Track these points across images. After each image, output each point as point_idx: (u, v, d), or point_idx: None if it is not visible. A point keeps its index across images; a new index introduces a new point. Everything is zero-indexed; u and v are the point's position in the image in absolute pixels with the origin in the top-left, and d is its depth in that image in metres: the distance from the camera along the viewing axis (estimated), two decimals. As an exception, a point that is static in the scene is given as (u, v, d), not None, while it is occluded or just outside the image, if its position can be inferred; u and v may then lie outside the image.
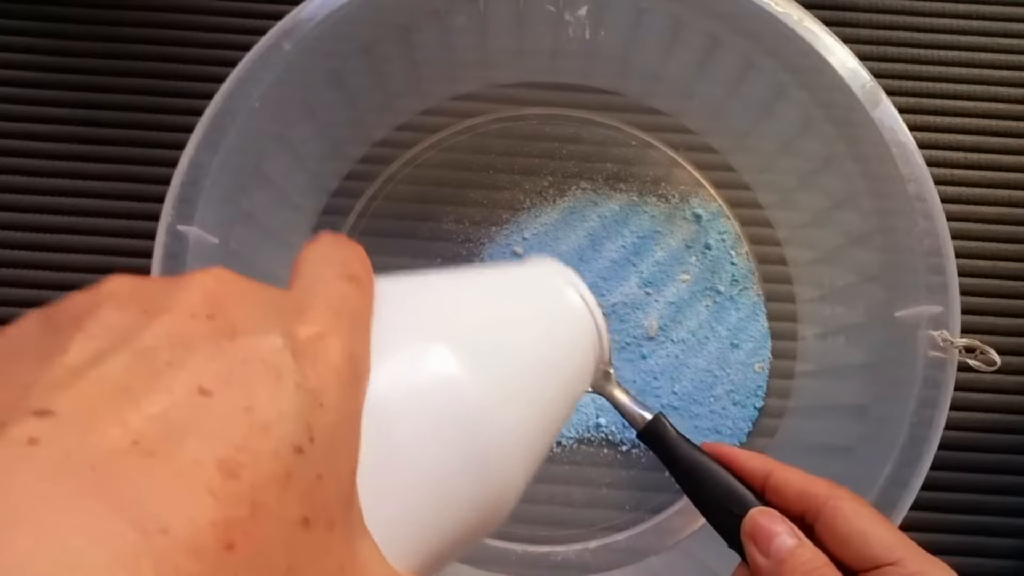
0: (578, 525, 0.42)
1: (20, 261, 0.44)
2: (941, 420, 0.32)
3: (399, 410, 0.18)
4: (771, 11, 0.35)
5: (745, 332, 0.44)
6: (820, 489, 0.25)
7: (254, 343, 0.14)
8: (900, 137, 0.34)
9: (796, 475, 0.26)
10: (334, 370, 0.15)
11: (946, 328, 0.33)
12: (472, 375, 0.19)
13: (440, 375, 0.19)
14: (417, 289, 0.22)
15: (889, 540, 0.23)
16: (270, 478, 0.13)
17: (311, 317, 0.16)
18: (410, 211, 0.45)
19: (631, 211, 0.45)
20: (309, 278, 0.18)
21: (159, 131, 0.45)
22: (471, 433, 0.19)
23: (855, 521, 0.24)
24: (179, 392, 0.13)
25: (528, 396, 0.21)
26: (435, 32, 0.40)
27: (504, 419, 0.19)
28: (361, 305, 0.18)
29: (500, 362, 0.20)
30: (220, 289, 0.16)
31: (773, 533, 0.25)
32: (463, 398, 0.19)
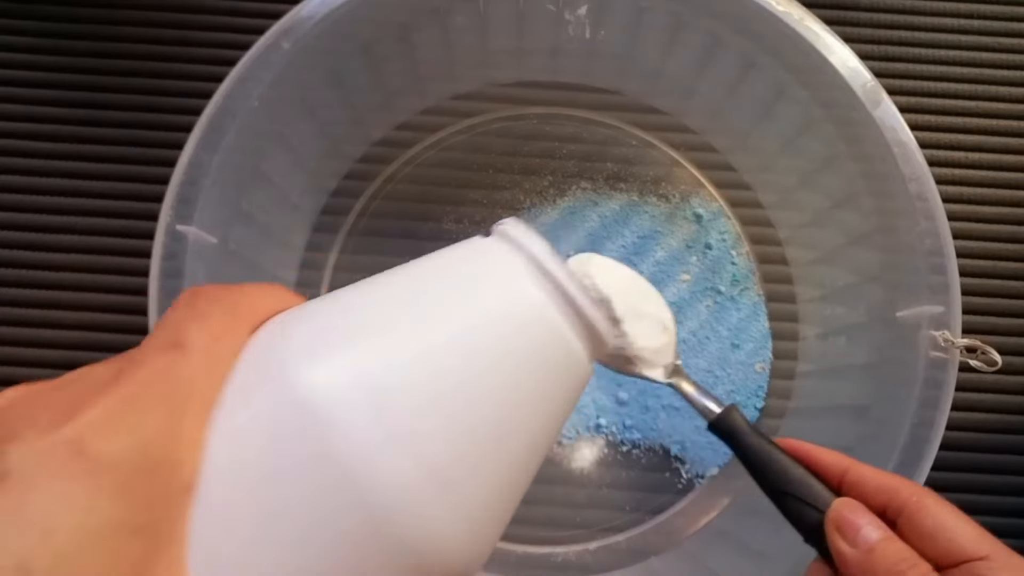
0: (578, 526, 0.42)
1: (20, 261, 0.43)
2: (942, 420, 0.32)
3: (247, 483, 0.15)
4: (772, 10, 0.35)
5: (746, 332, 0.44)
6: (902, 485, 0.25)
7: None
8: (901, 136, 0.34)
9: (874, 472, 0.26)
10: (83, 483, 0.14)
11: (947, 328, 0.33)
12: (356, 415, 0.15)
13: (304, 419, 0.15)
14: (303, 312, 0.18)
15: (976, 535, 0.23)
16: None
17: (73, 420, 0.14)
18: (410, 211, 0.45)
19: (631, 211, 0.45)
20: (127, 359, 0.16)
21: (158, 131, 0.45)
22: (351, 483, 0.15)
23: (940, 517, 0.24)
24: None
25: (451, 428, 0.17)
26: (435, 31, 0.40)
27: (403, 462, 0.15)
28: (183, 376, 0.16)
29: (396, 388, 0.16)
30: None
31: (859, 524, 0.25)
32: (335, 446, 0.15)
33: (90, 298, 0.43)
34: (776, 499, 0.27)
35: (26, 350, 0.42)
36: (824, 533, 0.26)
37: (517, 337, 0.18)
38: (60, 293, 0.43)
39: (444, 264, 0.20)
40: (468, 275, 0.19)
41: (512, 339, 0.18)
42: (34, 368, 0.42)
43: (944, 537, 0.23)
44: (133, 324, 0.43)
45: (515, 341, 0.18)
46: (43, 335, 0.43)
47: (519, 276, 0.19)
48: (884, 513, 0.25)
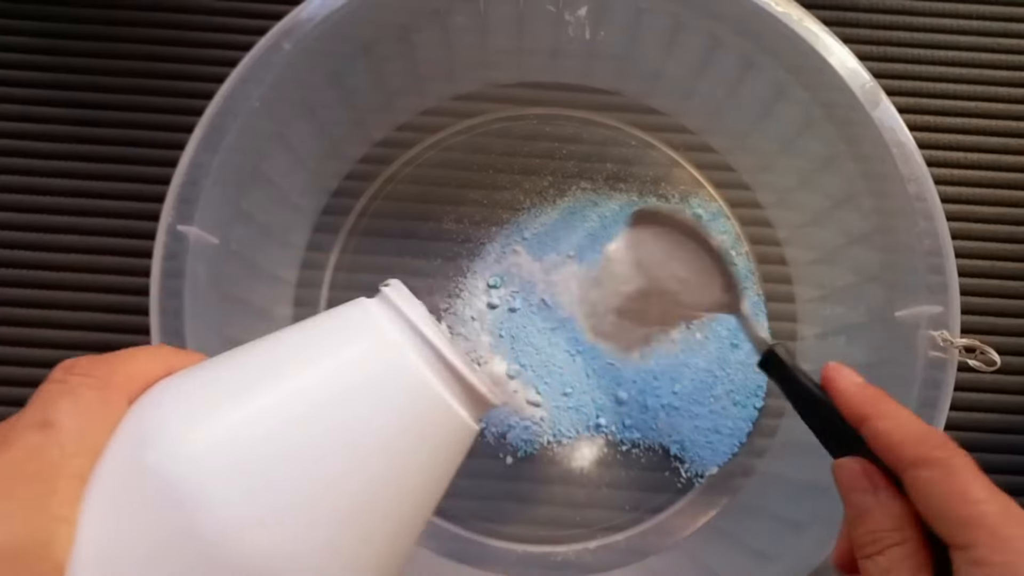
0: (578, 525, 0.42)
1: (20, 261, 0.44)
2: (941, 420, 0.32)
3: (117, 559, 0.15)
4: (771, 11, 0.35)
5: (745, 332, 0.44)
6: (907, 451, 0.24)
7: None
8: (900, 137, 0.34)
9: (890, 425, 0.25)
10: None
11: (946, 328, 0.33)
12: (218, 492, 0.15)
13: (162, 501, 0.15)
14: (179, 383, 0.18)
15: (961, 520, 0.22)
16: None
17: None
18: (410, 211, 0.45)
19: (631, 211, 0.45)
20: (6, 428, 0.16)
21: (159, 131, 0.45)
22: (220, 565, 0.15)
23: (930, 496, 0.22)
24: None
25: (320, 502, 0.17)
26: (435, 32, 0.40)
27: (269, 540, 0.16)
28: (50, 458, 0.16)
29: (261, 467, 0.16)
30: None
31: (851, 487, 0.25)
32: (193, 527, 0.15)
33: (91, 298, 0.43)
34: (814, 431, 0.28)
35: (27, 350, 0.43)
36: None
37: (393, 405, 0.18)
38: (61, 293, 0.43)
39: (315, 335, 0.19)
40: (338, 344, 0.19)
41: (388, 407, 0.18)
42: (34, 368, 0.42)
43: (933, 518, 0.22)
44: (134, 324, 0.43)
45: (391, 409, 0.18)
46: (44, 335, 0.43)
47: (394, 345, 0.19)
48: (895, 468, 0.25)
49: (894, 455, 0.24)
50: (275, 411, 0.17)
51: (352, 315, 0.20)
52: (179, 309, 0.32)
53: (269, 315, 0.41)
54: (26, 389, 0.42)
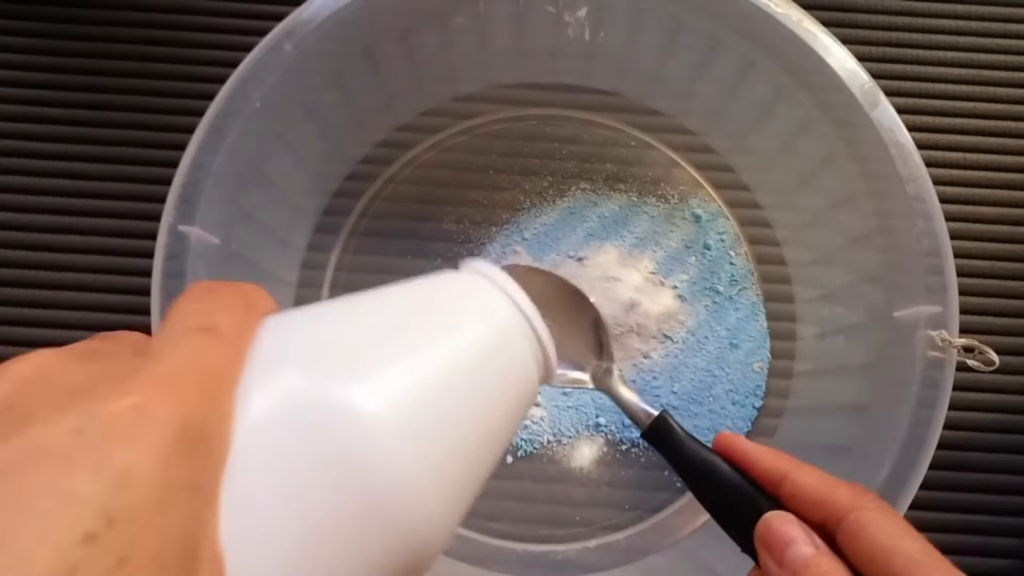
0: (578, 524, 0.42)
1: (21, 261, 0.44)
2: (940, 420, 0.32)
3: (271, 459, 0.16)
4: (770, 12, 0.35)
5: (744, 332, 0.44)
6: (841, 497, 0.23)
7: (43, 431, 0.13)
8: (899, 137, 0.34)
9: (815, 479, 0.24)
10: (152, 442, 0.14)
11: (945, 328, 0.33)
12: (362, 409, 0.17)
13: (317, 414, 0.17)
14: (310, 318, 0.20)
15: (914, 556, 0.21)
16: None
17: (134, 387, 0.15)
18: (410, 211, 0.45)
19: (631, 211, 0.46)
20: (160, 339, 0.17)
21: (160, 131, 0.45)
22: (364, 475, 0.17)
23: (878, 536, 0.22)
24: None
25: (442, 425, 0.19)
26: (435, 33, 0.40)
27: (408, 455, 0.17)
28: (215, 359, 0.17)
29: (400, 389, 0.18)
30: (32, 373, 0.15)
31: (788, 540, 0.23)
32: (349, 437, 0.17)
33: (92, 298, 0.43)
34: (711, 510, 0.26)
35: (27, 350, 0.43)
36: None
37: (494, 360, 0.21)
38: (61, 293, 0.43)
39: (433, 293, 0.22)
40: (457, 307, 0.22)
41: (490, 362, 0.21)
42: (36, 368, 0.42)
43: (882, 560, 0.22)
44: (135, 324, 0.43)
45: (492, 364, 0.21)
46: (44, 335, 0.43)
47: (504, 317, 0.22)
48: (823, 526, 0.24)
49: (828, 503, 0.23)
50: (432, 375, 0.19)
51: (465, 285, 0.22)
52: (180, 309, 0.32)
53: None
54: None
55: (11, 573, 0.12)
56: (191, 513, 0.15)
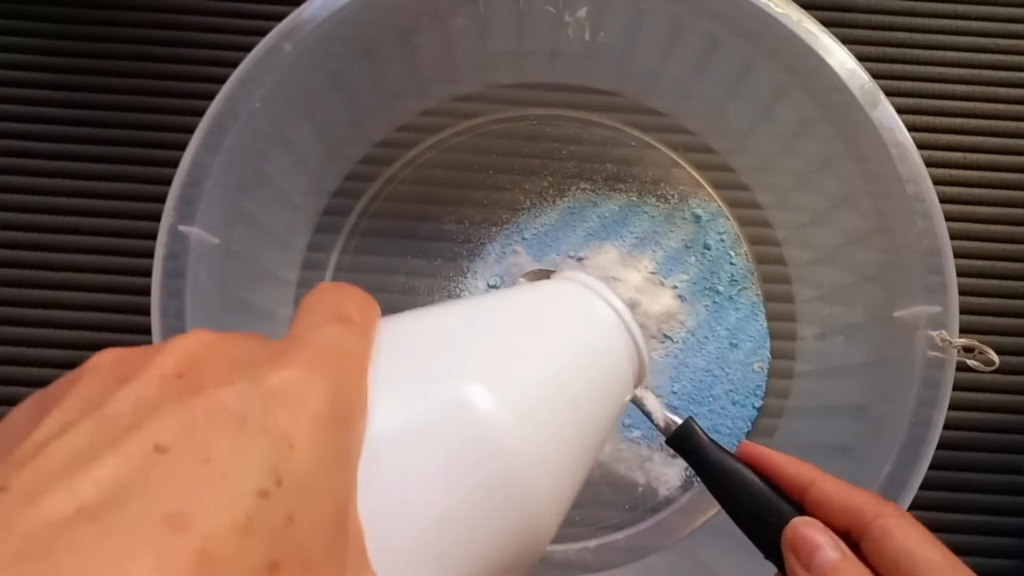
0: (578, 524, 0.42)
1: (21, 261, 0.44)
2: (940, 420, 0.32)
3: (406, 444, 0.17)
4: (770, 12, 0.35)
5: (744, 332, 0.44)
6: (866, 504, 0.24)
7: (218, 394, 0.14)
8: (899, 137, 0.34)
9: (839, 487, 0.25)
10: (310, 411, 0.15)
11: (945, 328, 0.33)
12: (489, 404, 0.18)
13: (450, 406, 0.18)
14: (428, 321, 0.21)
15: (938, 563, 0.22)
16: (228, 527, 0.13)
17: (289, 361, 0.16)
18: (410, 211, 0.45)
19: (631, 211, 0.46)
20: (299, 326, 0.18)
21: (160, 131, 0.45)
22: (490, 463, 0.18)
23: (903, 542, 0.22)
24: (133, 452, 0.13)
25: (557, 421, 0.20)
26: (435, 33, 0.40)
27: (529, 447, 0.19)
28: (352, 345, 0.18)
29: (521, 388, 0.19)
30: (197, 348, 0.16)
31: (816, 545, 0.23)
32: (477, 429, 0.18)
33: (92, 298, 0.43)
34: (735, 516, 0.26)
35: (28, 350, 0.43)
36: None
37: (600, 362, 0.23)
38: (62, 293, 0.43)
39: (542, 301, 0.24)
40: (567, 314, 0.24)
41: (597, 364, 0.23)
42: (36, 368, 0.43)
43: (906, 564, 0.22)
44: (135, 324, 0.43)
45: (599, 365, 0.23)
46: (45, 335, 0.43)
47: (595, 301, 0.24)
48: (848, 533, 0.24)
49: (854, 509, 0.24)
50: (549, 376, 0.21)
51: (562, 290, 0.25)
52: (180, 309, 0.32)
53: (270, 315, 0.41)
54: (28, 389, 0.42)
55: (200, 520, 0.12)
56: (343, 481, 0.16)
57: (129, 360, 0.16)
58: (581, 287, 0.24)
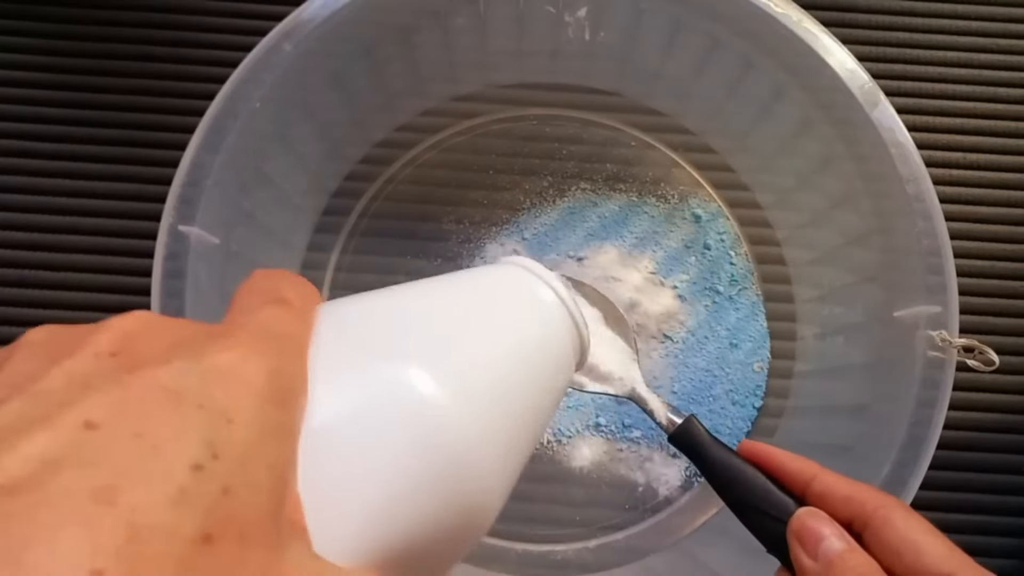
0: (578, 524, 0.42)
1: (21, 261, 0.44)
2: (940, 420, 0.32)
3: (345, 424, 0.17)
4: (770, 12, 0.35)
5: (744, 332, 0.44)
6: (868, 496, 0.24)
7: (153, 372, 0.14)
8: (899, 137, 0.34)
9: (841, 481, 0.25)
10: (249, 387, 0.15)
11: (945, 328, 0.33)
12: (430, 385, 0.18)
13: (390, 387, 0.18)
14: (369, 304, 0.21)
15: (942, 552, 0.22)
16: (158, 499, 0.13)
17: (227, 343, 0.16)
18: (410, 211, 0.45)
19: (630, 211, 0.46)
20: (235, 311, 0.18)
21: (160, 131, 0.45)
22: (429, 442, 0.18)
23: (906, 531, 0.23)
24: (63, 428, 0.13)
25: (499, 401, 0.20)
26: (435, 33, 0.40)
27: (470, 426, 0.19)
28: (290, 325, 0.18)
29: (462, 368, 0.20)
30: (134, 327, 0.16)
31: (821, 535, 0.24)
32: (418, 409, 0.18)
33: (92, 298, 0.43)
34: (738, 511, 0.27)
35: (28, 350, 0.43)
36: (786, 544, 0.25)
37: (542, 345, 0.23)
38: (62, 293, 0.43)
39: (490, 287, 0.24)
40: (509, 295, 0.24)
41: (539, 346, 0.23)
42: (36, 368, 0.42)
43: (909, 553, 0.23)
44: (135, 324, 0.43)
45: (540, 348, 0.23)
46: (45, 335, 0.43)
47: (535, 282, 0.24)
48: (850, 525, 0.25)
49: (855, 501, 0.24)
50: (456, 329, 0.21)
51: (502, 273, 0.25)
52: (180, 309, 0.32)
53: (270, 315, 0.41)
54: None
55: (128, 494, 0.12)
56: (283, 455, 0.16)
57: (64, 337, 0.16)
58: (524, 271, 0.25)
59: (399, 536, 0.18)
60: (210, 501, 0.13)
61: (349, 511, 0.17)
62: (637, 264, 0.45)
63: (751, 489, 0.26)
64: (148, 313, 0.17)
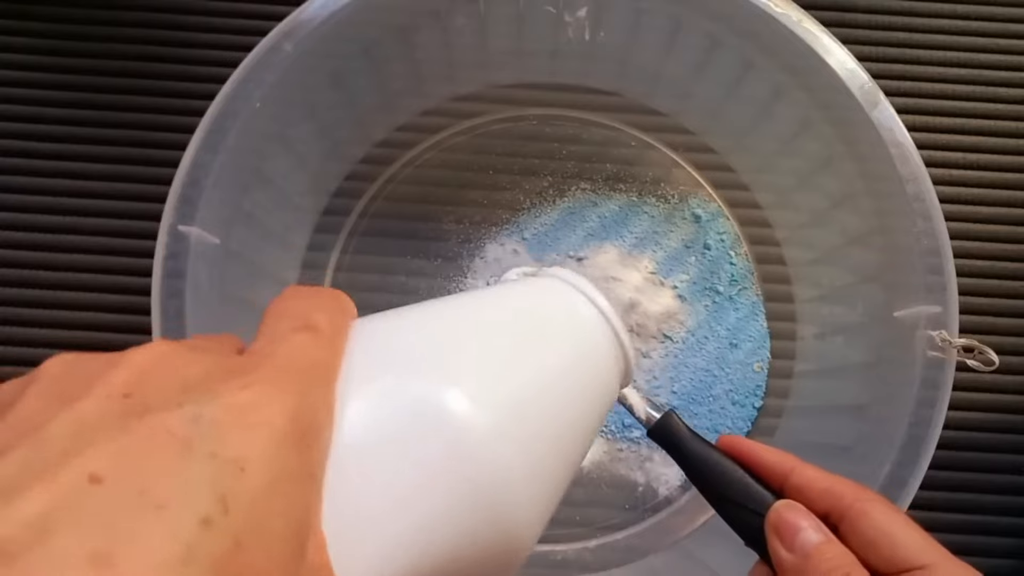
0: (578, 524, 0.42)
1: (22, 261, 0.44)
2: (940, 420, 0.32)
3: (375, 451, 0.17)
4: (770, 12, 0.35)
5: (744, 332, 0.44)
6: (846, 490, 0.24)
7: (162, 418, 0.14)
8: (898, 137, 0.34)
9: (819, 474, 0.25)
10: (267, 430, 0.15)
11: (944, 328, 0.33)
12: (466, 409, 0.17)
13: (424, 411, 0.17)
14: (404, 321, 0.20)
15: (918, 544, 0.23)
16: (161, 561, 0.12)
17: (247, 380, 0.15)
18: (410, 211, 0.45)
19: (630, 211, 0.46)
20: (264, 337, 0.18)
21: (161, 131, 0.45)
22: (466, 472, 0.17)
23: (882, 523, 0.23)
24: (64, 483, 0.12)
25: (539, 425, 0.19)
26: (435, 33, 0.40)
27: (508, 455, 0.18)
28: (319, 355, 0.17)
29: (501, 392, 0.18)
30: (150, 363, 0.15)
31: (798, 527, 0.24)
32: (453, 435, 0.17)
33: (92, 298, 0.43)
34: (716, 505, 0.27)
35: (28, 350, 0.43)
36: (765, 537, 0.25)
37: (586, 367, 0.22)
38: (62, 293, 0.43)
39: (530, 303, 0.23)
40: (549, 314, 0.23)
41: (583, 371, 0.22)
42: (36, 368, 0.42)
43: (885, 545, 0.23)
44: (135, 324, 0.43)
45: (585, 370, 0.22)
46: (45, 335, 0.43)
47: (578, 299, 0.23)
48: (827, 517, 0.25)
49: (835, 493, 0.24)
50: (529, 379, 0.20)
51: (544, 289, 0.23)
52: (180, 309, 0.32)
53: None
54: (27, 389, 0.42)
55: (129, 558, 0.12)
56: (301, 499, 0.15)
57: (78, 371, 0.15)
58: (565, 285, 0.23)
59: (428, 570, 0.17)
60: (220, 556, 0.13)
61: (377, 544, 0.16)
62: (637, 264, 0.45)
63: (729, 483, 0.26)
64: (166, 345, 0.16)
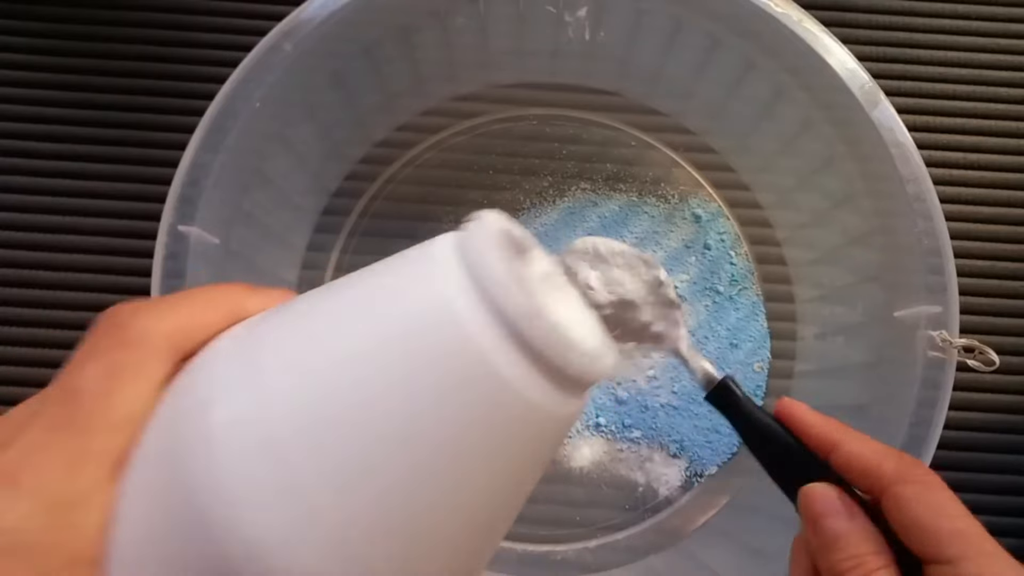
0: (578, 524, 0.42)
1: (22, 261, 0.44)
2: (940, 420, 0.32)
3: (157, 554, 0.13)
4: (770, 12, 0.35)
5: (744, 332, 0.44)
6: (887, 470, 0.24)
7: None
8: (899, 137, 0.34)
9: (865, 450, 0.25)
10: (11, 540, 0.13)
11: (945, 328, 0.33)
12: (248, 492, 0.13)
13: (188, 501, 0.13)
14: (228, 347, 0.15)
15: (947, 535, 0.22)
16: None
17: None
18: (410, 211, 0.45)
19: (631, 211, 0.46)
20: (40, 400, 0.15)
21: (160, 131, 0.45)
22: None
23: (913, 513, 0.23)
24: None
25: (373, 505, 0.13)
26: (435, 33, 0.40)
27: (310, 556, 0.13)
28: (77, 430, 0.14)
29: (316, 456, 0.13)
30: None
31: (824, 512, 0.24)
32: (225, 536, 0.13)
33: (92, 298, 0.43)
34: (769, 470, 0.28)
35: (28, 350, 0.43)
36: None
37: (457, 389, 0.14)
38: (62, 293, 0.43)
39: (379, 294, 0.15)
40: (393, 310, 0.14)
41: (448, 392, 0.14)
42: (36, 368, 0.42)
43: (915, 535, 0.23)
44: (135, 324, 0.43)
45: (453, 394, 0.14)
46: (45, 335, 0.43)
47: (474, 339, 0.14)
48: (870, 493, 0.25)
49: (872, 475, 0.24)
50: (319, 392, 0.14)
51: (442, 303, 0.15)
52: (180, 309, 0.32)
53: (270, 315, 0.41)
54: (27, 389, 0.42)
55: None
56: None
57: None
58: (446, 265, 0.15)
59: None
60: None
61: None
62: (637, 264, 0.45)
63: (779, 450, 0.27)
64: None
